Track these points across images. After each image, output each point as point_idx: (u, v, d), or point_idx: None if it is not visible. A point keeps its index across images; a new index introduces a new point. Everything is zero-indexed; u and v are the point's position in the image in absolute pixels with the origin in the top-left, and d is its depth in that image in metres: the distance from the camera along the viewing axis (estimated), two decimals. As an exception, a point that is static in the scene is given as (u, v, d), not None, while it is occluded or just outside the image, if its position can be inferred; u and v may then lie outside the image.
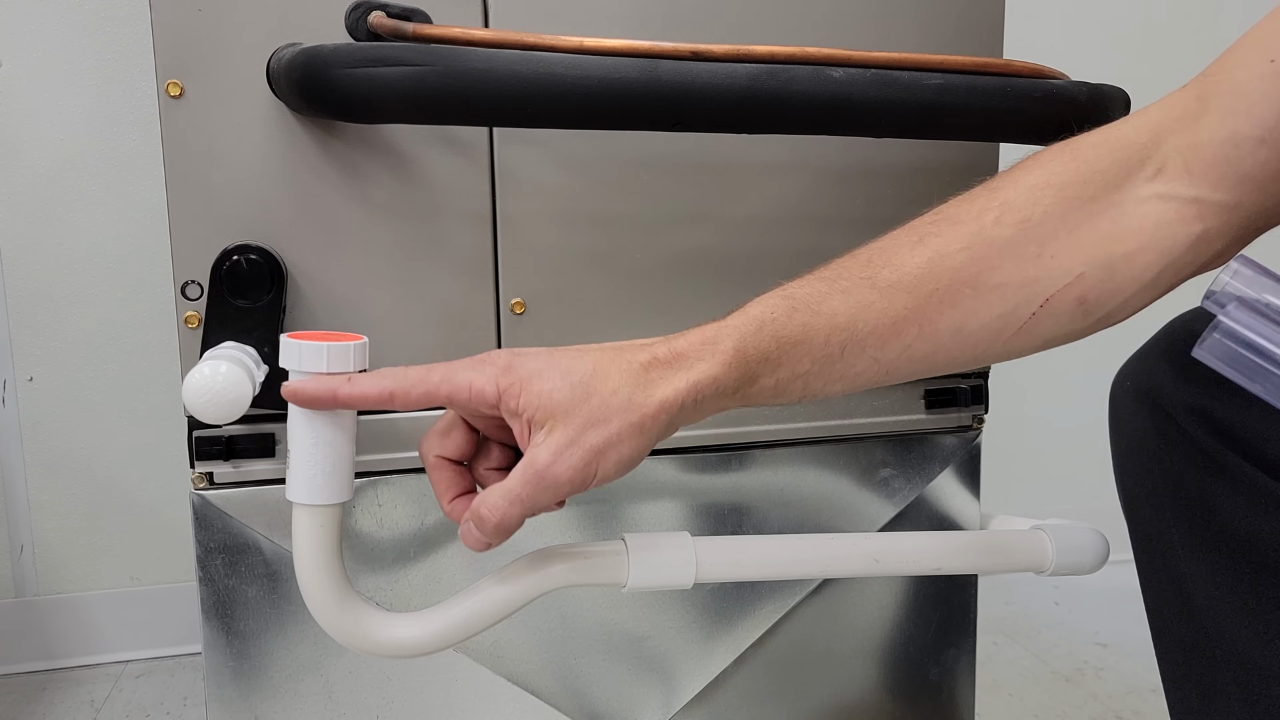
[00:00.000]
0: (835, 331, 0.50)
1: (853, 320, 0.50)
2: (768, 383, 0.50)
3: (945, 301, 0.50)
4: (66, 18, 1.25)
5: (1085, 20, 1.60)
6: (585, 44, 0.61)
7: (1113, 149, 0.50)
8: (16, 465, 1.31)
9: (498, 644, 0.76)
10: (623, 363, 0.50)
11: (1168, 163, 0.50)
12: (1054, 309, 0.50)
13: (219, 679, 0.71)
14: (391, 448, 0.72)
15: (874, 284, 0.50)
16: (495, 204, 0.71)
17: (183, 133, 0.65)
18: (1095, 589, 1.52)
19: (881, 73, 0.65)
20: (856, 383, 0.52)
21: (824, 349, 0.50)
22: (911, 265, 0.50)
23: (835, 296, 0.50)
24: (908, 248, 0.51)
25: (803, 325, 0.50)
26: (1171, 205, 0.49)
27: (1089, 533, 0.74)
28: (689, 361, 0.49)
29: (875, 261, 0.51)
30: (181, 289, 0.67)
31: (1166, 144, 0.50)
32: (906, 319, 0.50)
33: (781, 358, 0.50)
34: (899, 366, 0.52)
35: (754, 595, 0.81)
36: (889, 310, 0.50)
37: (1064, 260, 0.49)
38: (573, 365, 0.49)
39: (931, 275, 0.50)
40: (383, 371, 0.52)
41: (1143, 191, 0.50)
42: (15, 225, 1.27)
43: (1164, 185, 0.49)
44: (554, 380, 0.48)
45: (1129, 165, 0.50)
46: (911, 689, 0.88)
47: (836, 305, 0.50)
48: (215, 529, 0.70)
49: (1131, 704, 1.25)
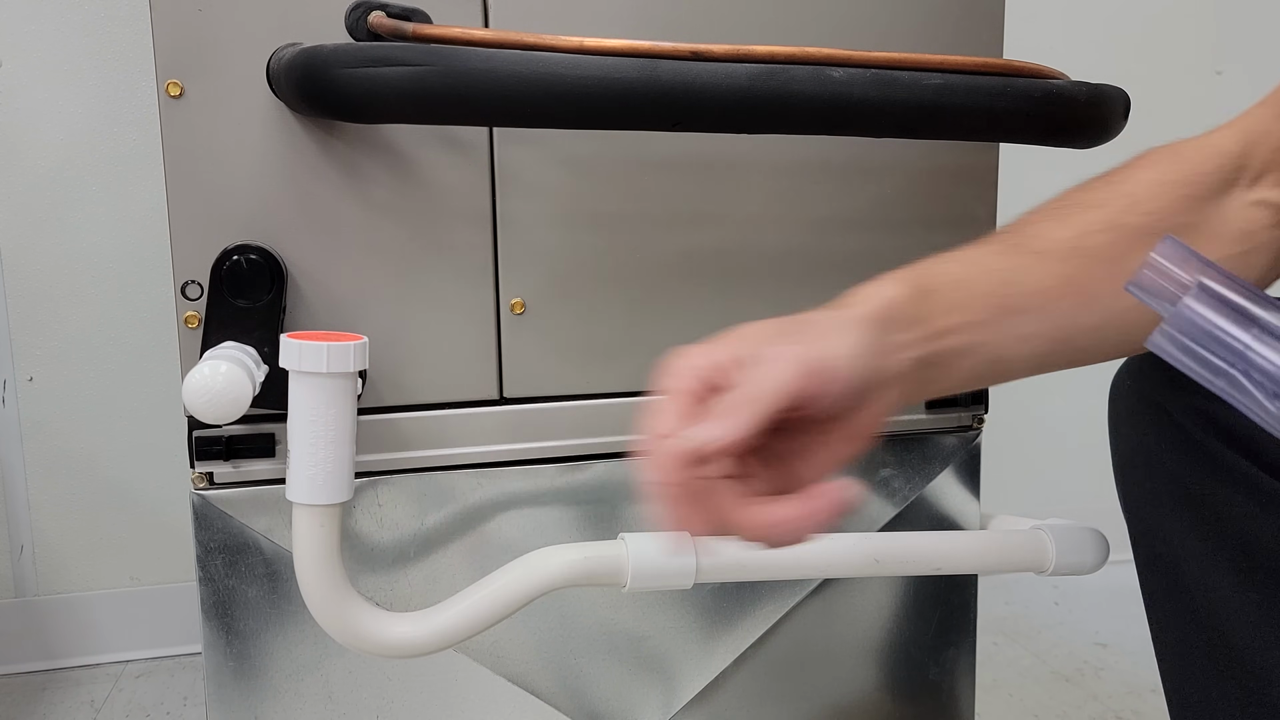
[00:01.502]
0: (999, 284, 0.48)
1: (1011, 274, 0.49)
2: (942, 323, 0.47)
3: (1097, 276, 0.49)
4: (66, 18, 1.25)
5: (1085, 20, 1.60)
6: (585, 44, 0.61)
7: (1213, 154, 0.52)
8: (16, 465, 1.31)
9: (498, 644, 0.76)
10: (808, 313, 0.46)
11: (1263, 173, 0.51)
12: None
13: (219, 679, 0.71)
14: (391, 448, 0.72)
15: (1028, 249, 0.50)
16: (495, 204, 0.71)
17: (183, 133, 0.65)
18: (1095, 589, 1.52)
19: (881, 73, 0.65)
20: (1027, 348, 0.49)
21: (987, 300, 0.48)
22: (1060, 237, 0.50)
23: (990, 257, 0.50)
24: (1051, 224, 0.51)
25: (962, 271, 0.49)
26: (1271, 212, 0.51)
27: (1089, 533, 0.74)
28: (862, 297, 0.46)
29: (1023, 233, 0.51)
30: (181, 289, 0.67)
31: (1257, 155, 0.51)
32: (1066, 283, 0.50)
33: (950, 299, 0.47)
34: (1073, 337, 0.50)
35: (754, 595, 0.81)
36: (1049, 273, 0.49)
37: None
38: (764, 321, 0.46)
39: (1081, 249, 0.50)
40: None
41: (1247, 197, 0.51)
42: (15, 225, 1.27)
43: (1262, 193, 0.51)
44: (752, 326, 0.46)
45: (1230, 171, 0.51)
46: (911, 689, 0.88)
47: (993, 261, 0.50)
48: (215, 529, 0.70)
49: (1131, 704, 1.25)
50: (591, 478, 0.76)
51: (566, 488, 0.75)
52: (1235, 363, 0.40)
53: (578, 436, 0.75)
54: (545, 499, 0.75)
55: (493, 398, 0.74)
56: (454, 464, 0.73)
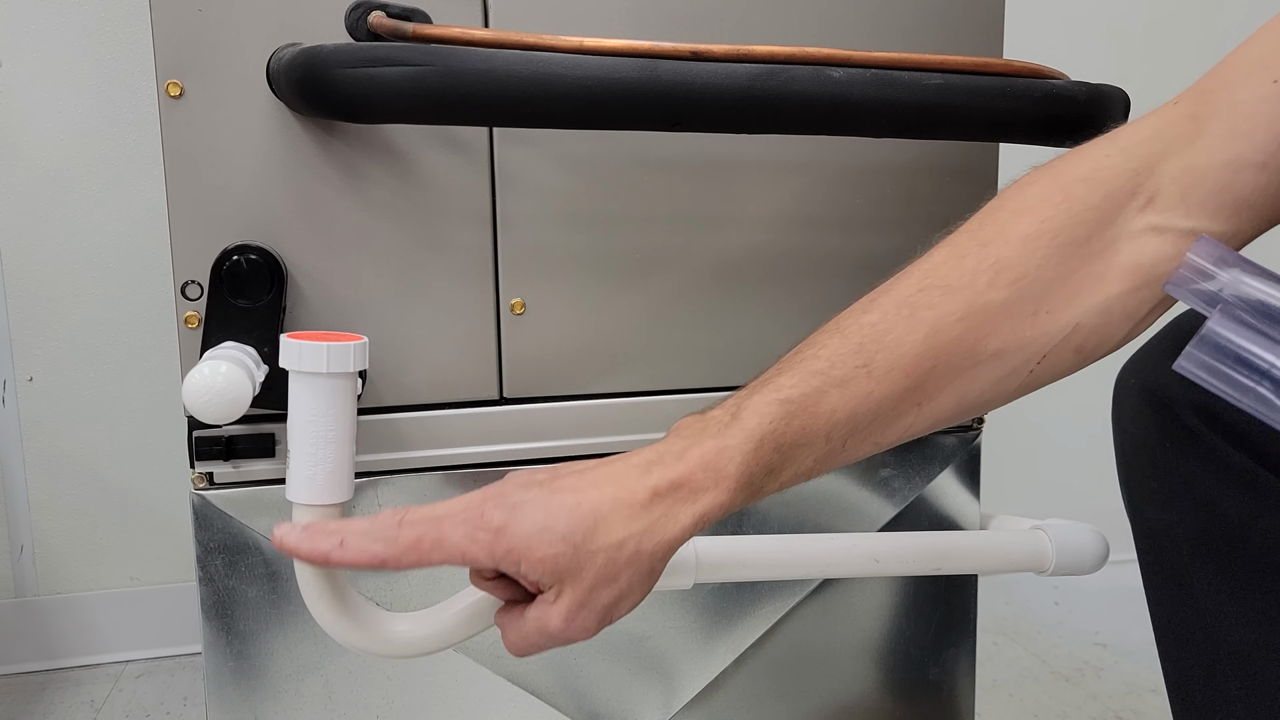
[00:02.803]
0: (836, 428, 0.48)
1: (853, 414, 0.48)
2: (771, 487, 0.49)
3: (945, 376, 0.49)
4: (66, 18, 1.25)
5: (1085, 20, 1.60)
6: (585, 44, 0.61)
7: (1103, 181, 0.48)
8: (16, 465, 1.31)
9: (498, 644, 0.76)
10: (624, 503, 0.46)
11: (1161, 190, 0.47)
12: (1052, 362, 0.49)
13: (219, 679, 0.71)
14: (391, 448, 0.72)
15: (870, 372, 0.48)
16: (495, 204, 0.71)
17: (183, 133, 0.65)
18: (1095, 589, 1.52)
19: (881, 73, 0.65)
20: (855, 460, 0.51)
21: (825, 446, 0.49)
22: (908, 345, 0.48)
23: (832, 391, 0.48)
24: (902, 326, 0.49)
25: (802, 429, 0.48)
26: (1167, 238, 0.47)
27: (1089, 533, 0.74)
28: (692, 492, 0.47)
29: (868, 346, 0.49)
30: (181, 289, 0.67)
31: (1160, 169, 0.47)
32: (907, 401, 0.49)
33: (784, 463, 0.48)
34: (898, 442, 0.51)
35: (754, 595, 0.81)
36: (889, 396, 0.48)
37: (1060, 315, 0.48)
38: (572, 521, 0.45)
39: (929, 353, 0.48)
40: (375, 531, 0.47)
41: (1136, 224, 0.48)
42: (15, 225, 1.27)
43: (1158, 216, 0.47)
44: (555, 545, 0.45)
45: (1120, 197, 0.48)
46: (911, 689, 0.88)
47: (834, 402, 0.48)
48: (215, 529, 0.70)
49: (1131, 704, 1.25)
50: (591, 478, 0.76)
51: (566, 488, 0.75)
52: (1262, 380, 0.40)
53: (578, 436, 0.75)
54: (545, 499, 0.75)
55: (493, 398, 0.74)
56: (454, 464, 0.73)
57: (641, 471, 0.47)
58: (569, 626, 0.46)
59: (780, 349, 0.52)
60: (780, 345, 0.53)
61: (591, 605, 0.46)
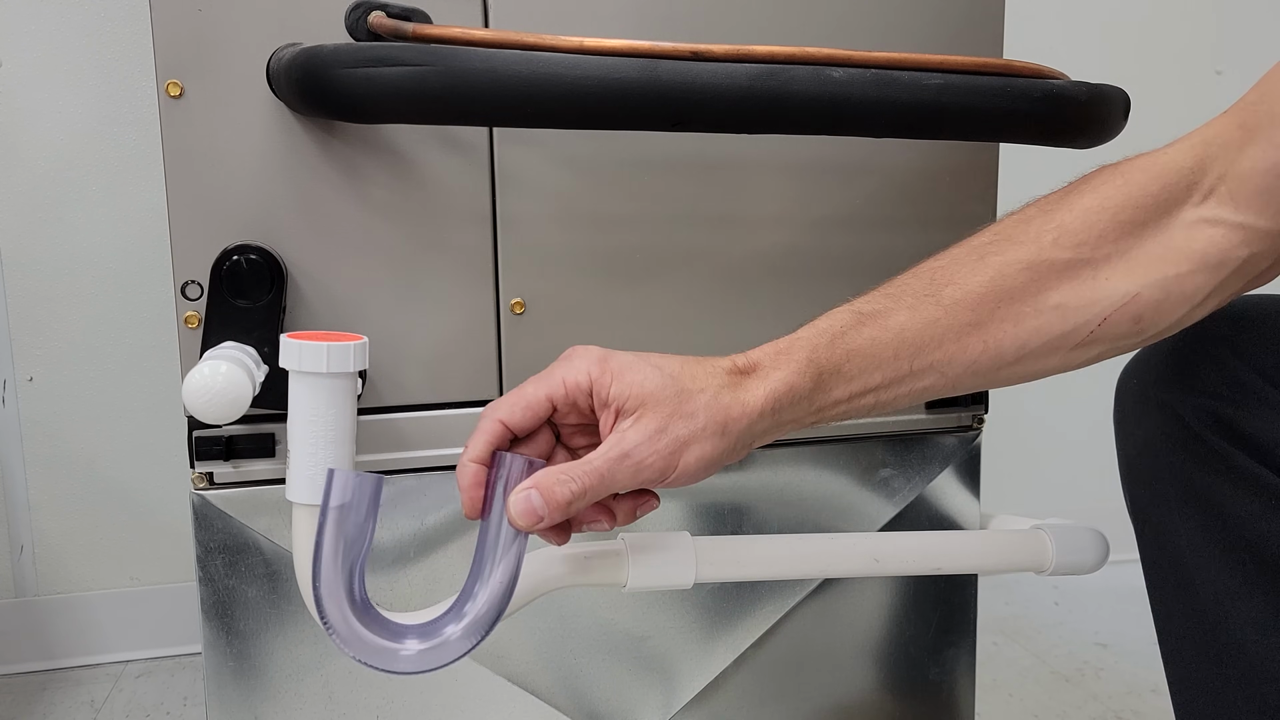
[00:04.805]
0: (904, 346, 0.51)
1: (920, 335, 0.51)
2: (840, 394, 0.51)
3: (1008, 319, 0.51)
4: (66, 18, 1.25)
5: (1085, 20, 1.60)
6: (585, 44, 0.61)
7: (1161, 173, 0.52)
8: (16, 465, 1.31)
9: (498, 644, 0.76)
10: (707, 367, 0.51)
11: (1215, 189, 0.51)
12: (1111, 327, 0.51)
13: (219, 679, 0.71)
14: (391, 448, 0.72)
15: (939, 301, 0.51)
16: (495, 204, 0.71)
17: (183, 133, 0.65)
18: (1095, 589, 1.52)
19: (881, 73, 0.64)
20: (923, 396, 0.53)
21: (893, 363, 0.51)
22: (974, 283, 0.51)
23: (901, 312, 0.51)
24: (969, 266, 0.52)
25: (871, 339, 0.51)
26: (1219, 230, 0.51)
27: (1089, 533, 0.74)
28: (765, 371, 0.51)
29: (938, 279, 0.52)
30: (181, 289, 0.67)
31: (1212, 170, 0.51)
32: (972, 335, 0.51)
33: (853, 371, 0.51)
34: (964, 380, 0.53)
35: (754, 595, 0.81)
36: (954, 326, 0.51)
37: (1120, 283, 0.51)
38: (663, 362, 0.51)
39: (994, 293, 0.51)
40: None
41: (1191, 216, 0.51)
42: (15, 225, 1.27)
43: (1211, 210, 0.51)
44: (646, 372, 0.50)
45: (1177, 190, 0.51)
46: (911, 689, 0.88)
47: (903, 320, 0.51)
48: (215, 529, 0.70)
49: (1131, 704, 1.25)
50: (591, 478, 0.76)
51: (566, 488, 0.75)
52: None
53: (578, 436, 0.75)
54: (545, 499, 0.75)
55: (492, 398, 0.74)
56: (454, 464, 0.73)
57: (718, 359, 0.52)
58: (642, 444, 0.48)
59: (780, 349, 0.52)
60: (780, 345, 0.53)
61: (668, 434, 0.49)
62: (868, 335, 0.51)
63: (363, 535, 0.52)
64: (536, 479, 0.49)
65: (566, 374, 0.50)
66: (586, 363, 0.50)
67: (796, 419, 0.51)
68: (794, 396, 0.50)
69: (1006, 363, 0.52)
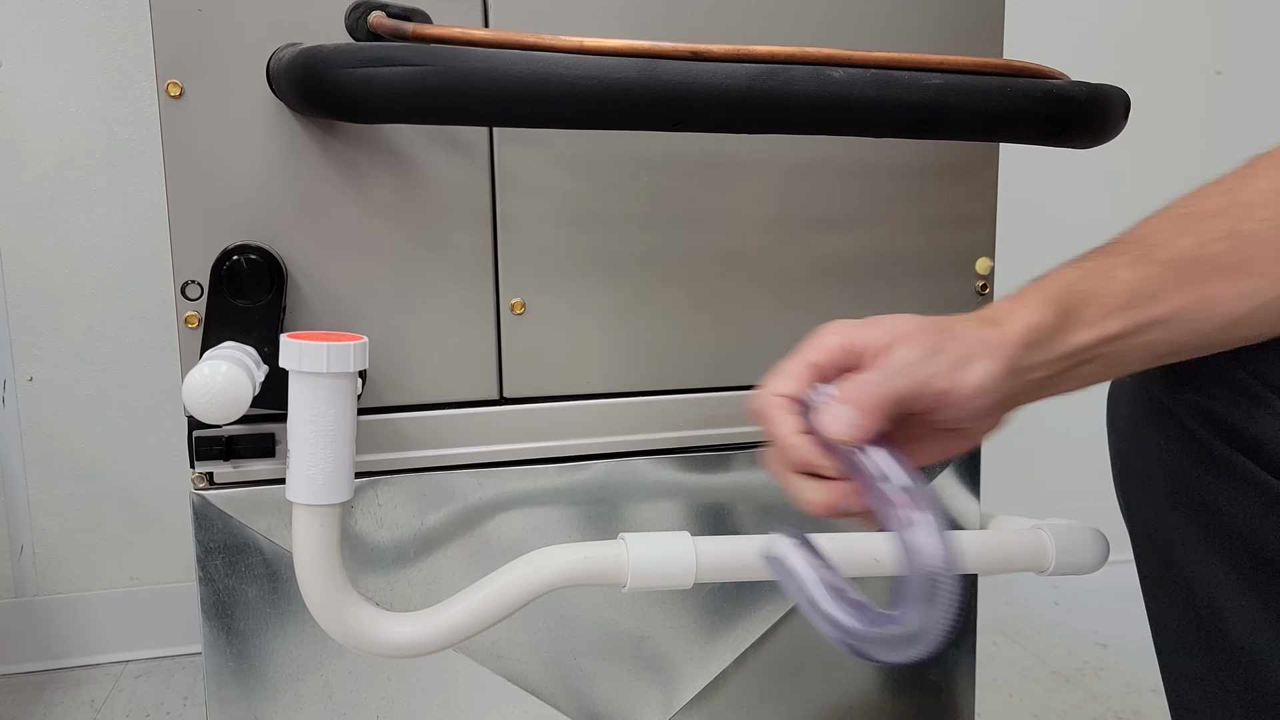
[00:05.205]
0: (1132, 297, 0.51)
1: (1145, 286, 0.51)
2: (1081, 339, 0.51)
3: (1219, 281, 0.51)
4: (66, 17, 1.25)
5: (1085, 20, 1.60)
6: (585, 44, 0.61)
7: None
8: (16, 465, 1.31)
9: (498, 644, 0.76)
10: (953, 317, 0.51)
11: None
12: None
13: (219, 679, 0.71)
14: (391, 448, 0.72)
15: (1154, 260, 0.51)
16: (495, 204, 0.71)
17: (183, 133, 0.65)
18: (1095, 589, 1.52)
19: (881, 73, 0.65)
20: (1151, 352, 0.52)
21: (1128, 312, 0.51)
22: (1183, 246, 0.51)
23: (1122, 268, 0.51)
24: (1173, 232, 0.52)
25: (1101, 289, 0.51)
26: None
27: (1089, 533, 0.74)
28: (1007, 315, 0.50)
29: (1147, 241, 0.52)
30: (181, 289, 0.67)
31: None
32: (1190, 291, 0.51)
33: (1091, 316, 0.51)
34: (1188, 339, 0.52)
35: (754, 595, 0.81)
36: (1175, 282, 0.51)
37: None
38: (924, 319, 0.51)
39: (1203, 257, 0.51)
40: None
41: None
42: (15, 225, 1.27)
43: None
44: (897, 319, 0.50)
45: None
46: (911, 689, 0.88)
47: (1126, 275, 0.51)
48: (215, 529, 0.70)
49: (1131, 704, 1.25)
50: (591, 478, 0.76)
51: (566, 488, 0.75)
52: None
53: (578, 436, 0.75)
54: (545, 499, 0.75)
55: (493, 398, 0.74)
56: (454, 464, 0.73)
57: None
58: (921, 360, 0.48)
59: (781, 349, 0.52)
60: (781, 345, 0.53)
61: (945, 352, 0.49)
62: (1097, 285, 0.51)
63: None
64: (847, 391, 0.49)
65: (814, 342, 0.50)
66: (830, 329, 0.51)
67: (1044, 362, 0.51)
68: (1042, 333, 0.50)
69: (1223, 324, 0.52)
